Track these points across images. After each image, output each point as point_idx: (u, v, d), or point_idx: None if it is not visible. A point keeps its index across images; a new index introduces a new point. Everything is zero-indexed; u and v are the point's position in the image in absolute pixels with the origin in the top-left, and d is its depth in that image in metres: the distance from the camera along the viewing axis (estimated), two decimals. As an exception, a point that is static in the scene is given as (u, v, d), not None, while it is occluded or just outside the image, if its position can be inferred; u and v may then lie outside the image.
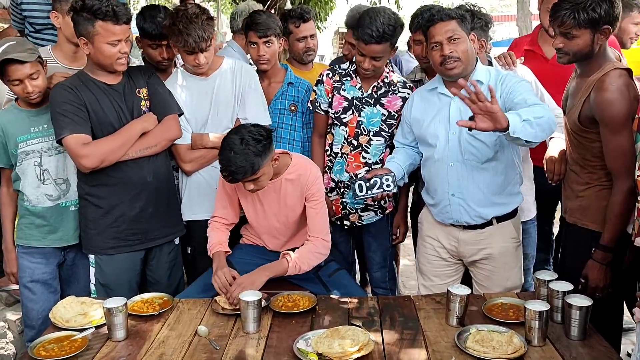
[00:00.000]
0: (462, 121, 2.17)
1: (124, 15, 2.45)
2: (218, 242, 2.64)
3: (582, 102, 2.26)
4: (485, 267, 2.61)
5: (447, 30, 2.37)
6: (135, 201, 2.64)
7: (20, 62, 2.47)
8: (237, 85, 2.85)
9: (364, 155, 2.83)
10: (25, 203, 2.68)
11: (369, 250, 3.03)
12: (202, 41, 2.62)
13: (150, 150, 2.62)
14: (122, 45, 2.49)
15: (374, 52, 2.64)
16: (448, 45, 2.37)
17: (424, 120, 2.56)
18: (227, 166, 2.36)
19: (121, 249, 2.65)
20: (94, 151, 2.48)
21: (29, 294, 2.74)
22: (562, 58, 2.30)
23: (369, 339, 2.00)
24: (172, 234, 2.80)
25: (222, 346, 2.08)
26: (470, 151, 2.45)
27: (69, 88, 2.51)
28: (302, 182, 2.59)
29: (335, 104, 2.85)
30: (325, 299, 2.45)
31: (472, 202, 2.49)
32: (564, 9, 2.21)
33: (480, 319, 2.20)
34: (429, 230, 2.70)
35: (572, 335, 2.04)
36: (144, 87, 2.67)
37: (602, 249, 2.24)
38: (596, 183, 2.33)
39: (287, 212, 2.66)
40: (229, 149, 2.36)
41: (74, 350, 2.03)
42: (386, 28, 2.59)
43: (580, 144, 2.33)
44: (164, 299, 2.42)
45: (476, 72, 2.46)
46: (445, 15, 2.38)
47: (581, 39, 2.22)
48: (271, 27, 2.96)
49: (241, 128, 2.44)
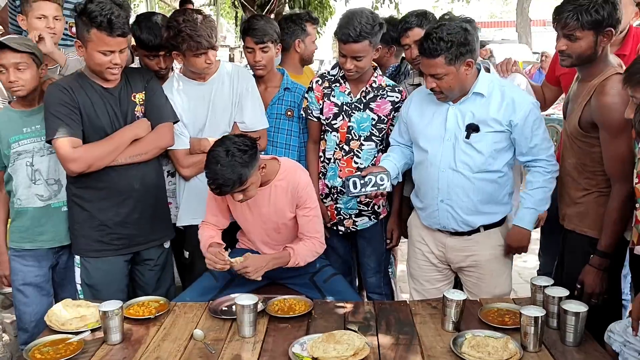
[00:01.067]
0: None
1: (120, 29, 2.42)
2: (210, 236, 2.65)
3: (583, 106, 2.27)
4: (473, 274, 2.60)
5: (431, 67, 2.34)
6: (121, 207, 2.63)
7: (10, 49, 2.48)
8: (235, 89, 2.85)
9: (356, 160, 2.84)
10: (16, 205, 2.68)
11: (364, 255, 3.03)
12: (212, 38, 2.65)
13: (140, 158, 2.61)
14: (114, 56, 2.47)
15: (353, 51, 2.64)
16: (432, 81, 2.37)
17: (420, 122, 2.56)
18: (214, 179, 2.35)
19: (105, 253, 2.64)
20: (82, 156, 2.48)
21: (22, 297, 2.74)
22: (565, 61, 2.31)
23: (364, 344, 2.01)
24: (158, 238, 2.78)
25: (218, 350, 2.07)
26: (463, 160, 2.44)
27: (64, 89, 2.51)
28: (292, 190, 2.60)
29: (326, 110, 2.85)
30: (321, 303, 2.45)
31: (460, 210, 2.48)
32: (566, 10, 2.21)
33: (476, 324, 2.20)
34: (417, 235, 2.70)
35: (568, 341, 2.04)
36: (141, 91, 2.66)
37: (598, 255, 2.24)
38: (595, 189, 2.33)
39: (277, 218, 2.66)
40: (214, 161, 2.34)
41: (70, 353, 2.03)
42: (363, 27, 2.59)
43: (580, 148, 2.33)
44: (160, 303, 2.42)
45: (477, 84, 2.43)
46: (432, 50, 2.30)
47: (584, 41, 2.22)
48: (268, 33, 2.96)
49: (225, 139, 2.43)
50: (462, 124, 2.44)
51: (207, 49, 2.66)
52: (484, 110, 2.42)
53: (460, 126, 2.44)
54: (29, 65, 2.54)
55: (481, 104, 2.43)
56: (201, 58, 2.69)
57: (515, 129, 2.41)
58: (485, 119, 2.41)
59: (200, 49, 2.64)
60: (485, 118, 2.41)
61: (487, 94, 2.43)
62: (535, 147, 2.45)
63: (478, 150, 2.42)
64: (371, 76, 2.82)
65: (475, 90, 2.43)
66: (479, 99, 2.43)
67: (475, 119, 2.42)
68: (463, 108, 2.45)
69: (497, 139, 2.42)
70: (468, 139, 2.41)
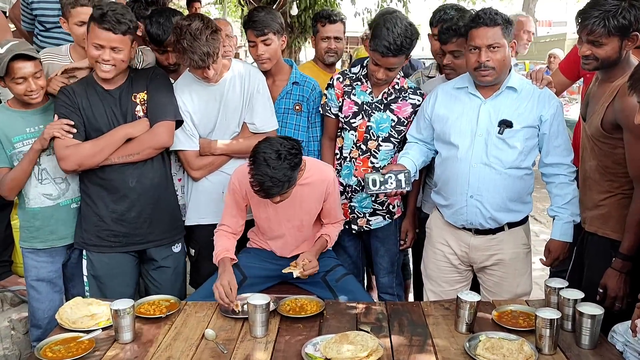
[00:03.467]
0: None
1: (108, 23, 2.42)
2: (225, 248, 2.60)
3: (606, 107, 2.24)
4: (496, 274, 2.59)
5: (489, 36, 2.34)
6: (116, 204, 2.64)
7: (28, 58, 2.48)
8: (246, 89, 2.81)
9: (372, 160, 2.82)
10: (25, 205, 2.68)
11: (377, 255, 3.01)
12: (208, 57, 2.53)
13: (133, 158, 2.59)
14: (104, 52, 2.47)
15: (389, 64, 2.62)
16: (486, 52, 2.35)
17: (449, 117, 2.54)
18: (262, 181, 2.29)
19: (102, 249, 2.67)
20: (72, 154, 2.51)
21: (35, 293, 2.75)
22: (589, 65, 2.27)
23: (377, 345, 1.99)
24: (159, 239, 2.75)
25: (230, 350, 2.06)
26: (495, 155, 2.44)
27: (67, 92, 2.58)
28: (322, 187, 2.59)
29: (345, 109, 2.83)
30: (333, 303, 2.44)
31: (489, 206, 2.47)
32: (592, 16, 2.16)
33: (489, 326, 2.19)
34: (438, 236, 2.68)
35: (583, 344, 2.02)
36: (143, 90, 2.65)
37: (621, 257, 2.21)
38: (618, 191, 2.30)
39: (302, 216, 2.65)
40: (265, 164, 2.28)
41: (81, 352, 2.02)
42: (404, 41, 2.55)
43: (602, 150, 2.30)
44: (170, 302, 2.41)
45: (510, 79, 2.45)
46: (490, 20, 2.33)
47: (609, 46, 2.19)
48: (269, 25, 2.86)
49: (271, 141, 2.37)
50: (495, 120, 2.43)
51: (199, 66, 2.57)
52: (517, 106, 2.43)
53: (492, 122, 2.43)
54: (42, 70, 2.58)
55: (514, 100, 2.44)
56: (198, 70, 2.62)
57: (544, 124, 2.43)
58: (519, 114, 2.42)
59: (192, 66, 2.58)
60: (519, 114, 2.42)
61: (519, 89, 2.44)
62: (559, 147, 2.47)
63: (511, 145, 2.42)
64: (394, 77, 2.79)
65: (509, 84, 2.44)
66: (512, 94, 2.45)
67: (508, 115, 2.42)
68: (496, 104, 2.45)
69: (529, 135, 2.44)
70: (501, 135, 2.40)
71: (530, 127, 2.43)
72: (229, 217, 2.67)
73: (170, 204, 2.81)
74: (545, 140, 2.47)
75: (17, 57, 2.46)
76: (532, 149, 2.48)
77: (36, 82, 2.53)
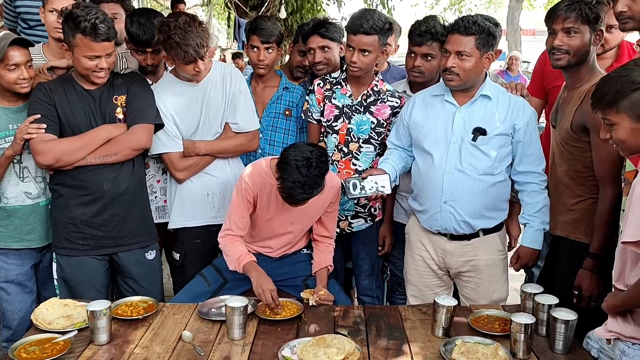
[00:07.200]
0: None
1: (104, 34, 2.43)
2: (244, 252, 2.55)
3: (574, 111, 2.29)
4: (472, 280, 2.61)
5: (460, 44, 2.37)
6: (88, 207, 2.60)
7: (24, 44, 2.49)
8: (228, 89, 2.82)
9: (354, 162, 2.84)
10: (3, 203, 2.65)
11: (358, 257, 3.02)
12: (201, 48, 2.58)
13: (110, 159, 2.57)
14: (100, 61, 2.48)
15: (362, 43, 2.64)
16: (454, 58, 2.39)
17: (424, 125, 2.57)
18: (293, 188, 2.28)
19: (70, 252, 2.63)
20: (50, 149, 2.48)
21: (4, 295, 2.72)
22: (561, 60, 2.31)
23: (355, 348, 2.00)
24: (132, 244, 2.71)
25: (207, 352, 2.06)
26: (469, 161, 2.47)
27: (44, 88, 2.56)
28: (330, 194, 2.57)
29: (327, 112, 2.85)
30: (311, 306, 2.44)
31: (462, 211, 2.50)
32: (564, 5, 2.27)
33: (466, 330, 2.21)
34: (417, 241, 2.69)
35: (557, 349, 2.05)
36: (123, 94, 2.64)
37: (591, 257, 2.26)
38: (588, 196, 2.34)
39: (306, 220, 2.66)
40: (297, 171, 2.27)
41: (56, 353, 2.00)
42: (376, 22, 2.63)
43: (572, 154, 2.35)
44: (148, 303, 2.40)
45: (485, 87, 2.48)
46: (465, 28, 2.36)
47: (581, 36, 2.26)
48: (274, 34, 3.00)
49: (303, 148, 2.36)
50: (469, 127, 2.46)
51: (194, 58, 2.60)
52: (491, 114, 2.46)
53: (467, 129, 2.46)
54: (32, 61, 2.56)
55: (488, 108, 2.47)
56: (190, 66, 2.63)
57: (518, 133, 2.47)
58: (492, 122, 2.45)
59: (187, 58, 2.59)
60: (492, 121, 2.45)
61: (494, 97, 2.48)
62: (532, 155, 2.50)
63: (484, 152, 2.45)
64: (372, 80, 2.83)
65: (483, 92, 2.47)
66: (486, 102, 2.48)
67: (482, 123, 2.45)
68: (470, 111, 2.48)
69: (502, 143, 2.47)
70: (475, 142, 2.43)
71: (503, 134, 2.46)
72: (237, 218, 2.58)
73: (143, 210, 2.78)
74: (519, 148, 2.49)
75: (13, 43, 2.45)
76: (506, 157, 2.50)
77: (28, 71, 2.52)
